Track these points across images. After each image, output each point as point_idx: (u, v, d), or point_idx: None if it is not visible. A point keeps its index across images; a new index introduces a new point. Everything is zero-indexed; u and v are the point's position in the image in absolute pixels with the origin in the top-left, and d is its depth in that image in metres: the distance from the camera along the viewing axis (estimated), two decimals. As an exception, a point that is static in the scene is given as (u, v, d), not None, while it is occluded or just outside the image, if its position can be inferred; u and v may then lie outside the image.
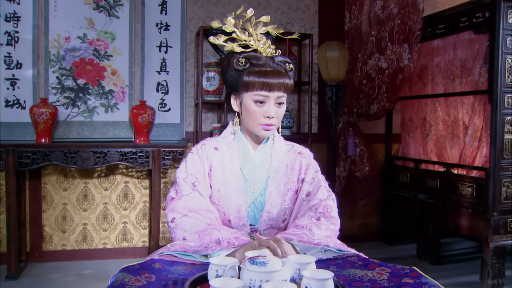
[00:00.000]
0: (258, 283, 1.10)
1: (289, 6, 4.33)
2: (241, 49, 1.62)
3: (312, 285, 1.08)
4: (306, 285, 1.09)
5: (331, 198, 1.70)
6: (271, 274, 1.10)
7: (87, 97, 3.89)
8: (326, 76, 3.81)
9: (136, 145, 3.66)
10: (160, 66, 4.07)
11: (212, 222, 1.57)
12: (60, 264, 3.78)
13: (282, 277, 1.12)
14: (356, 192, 4.23)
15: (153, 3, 4.03)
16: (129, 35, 3.97)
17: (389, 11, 3.63)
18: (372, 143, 4.38)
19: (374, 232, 4.57)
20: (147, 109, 3.77)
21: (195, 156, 1.69)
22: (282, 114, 1.66)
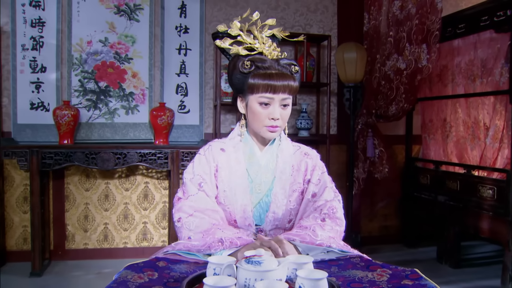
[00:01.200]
0: (252, 282, 1.12)
1: (308, 7, 4.34)
2: (246, 52, 1.64)
3: (306, 284, 1.09)
4: (300, 284, 1.10)
5: (337, 199, 1.70)
6: (265, 273, 1.12)
7: (108, 99, 3.97)
8: (344, 78, 3.80)
9: (155, 147, 3.72)
10: (179, 68, 4.13)
11: (217, 222, 1.59)
12: (82, 263, 3.87)
13: (276, 276, 1.13)
14: (376, 194, 4.21)
15: (173, 7, 4.09)
16: (149, 38, 4.04)
17: (407, 11, 3.60)
18: (392, 145, 4.35)
19: (394, 234, 4.53)
20: (166, 111, 3.83)
21: (202, 157, 1.72)
22: (288, 116, 1.67)
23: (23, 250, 3.85)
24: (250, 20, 1.68)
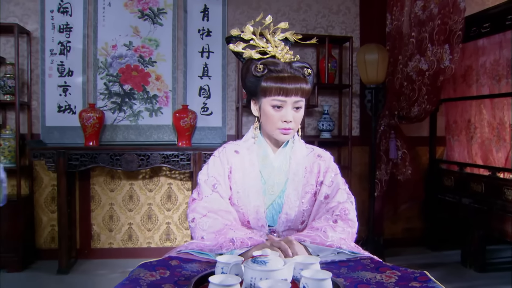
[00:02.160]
0: (258, 281, 1.14)
1: (330, 9, 4.34)
2: (259, 55, 1.67)
3: (309, 284, 1.11)
4: (304, 284, 1.12)
5: (349, 200, 1.71)
6: (270, 272, 1.14)
7: (132, 102, 4.06)
8: (365, 79, 3.79)
9: (178, 148, 3.78)
10: (202, 71, 4.19)
11: (229, 222, 1.62)
12: (106, 261, 3.96)
13: (282, 276, 1.15)
14: (398, 196, 4.17)
15: (195, 10, 4.15)
16: (172, 42, 4.11)
17: (430, 11, 3.56)
18: (416, 146, 4.30)
19: (418, 237, 4.48)
20: (189, 113, 3.89)
21: (216, 159, 1.75)
22: (300, 118, 1.69)
23: (51, 248, 3.96)
24: (263, 23, 1.71)
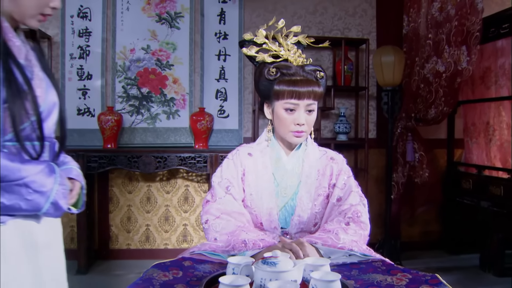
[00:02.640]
0: (267, 282, 1.16)
1: (346, 11, 4.33)
2: (272, 59, 1.68)
3: (318, 286, 1.12)
4: (313, 285, 1.13)
5: (362, 203, 1.72)
6: (280, 273, 1.16)
7: (150, 105, 4.11)
8: (382, 81, 3.77)
9: (194, 150, 3.82)
10: (219, 74, 4.22)
11: (242, 224, 1.64)
12: (124, 262, 4.01)
13: (291, 277, 1.17)
14: (416, 199, 4.14)
15: (212, 14, 4.19)
16: (189, 45, 4.15)
17: (447, 12, 3.53)
18: (433, 149, 4.27)
19: (435, 240, 4.43)
20: (205, 116, 3.93)
21: (230, 162, 1.78)
22: (313, 121, 1.71)
23: (70, 249, 4.02)
24: (276, 27, 1.73)
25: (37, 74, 1.29)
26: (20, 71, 1.20)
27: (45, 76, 1.33)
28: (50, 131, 1.35)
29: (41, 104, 1.26)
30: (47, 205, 1.23)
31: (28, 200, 1.20)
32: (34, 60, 1.32)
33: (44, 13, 1.26)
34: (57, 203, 1.25)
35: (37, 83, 1.26)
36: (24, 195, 1.19)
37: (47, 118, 1.31)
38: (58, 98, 1.36)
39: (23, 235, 1.28)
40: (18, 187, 1.18)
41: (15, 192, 1.18)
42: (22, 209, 1.21)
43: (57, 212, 1.27)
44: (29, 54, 1.30)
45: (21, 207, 1.20)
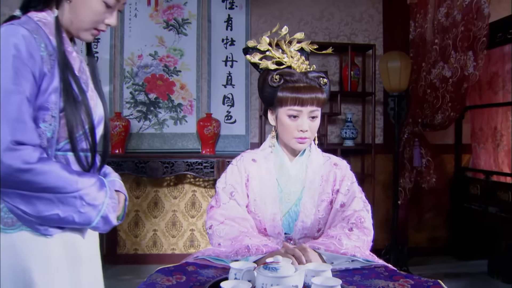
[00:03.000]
0: (269, 287, 1.17)
1: (353, 17, 4.34)
2: (275, 66, 1.70)
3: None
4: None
5: (365, 209, 1.72)
6: (281, 279, 1.17)
7: (157, 111, 4.14)
8: (388, 87, 3.78)
9: (201, 156, 3.84)
10: (226, 79, 4.24)
11: (246, 229, 1.65)
12: (132, 267, 4.03)
13: (292, 283, 1.18)
14: (423, 204, 4.13)
15: (219, 20, 4.22)
16: (197, 51, 4.18)
17: (453, 18, 3.53)
18: (441, 154, 4.25)
19: (443, 246, 4.41)
20: (212, 121, 3.95)
21: (234, 168, 1.79)
22: (316, 127, 1.72)
23: (78, 254, 4.06)
24: (279, 34, 1.74)
25: (90, 86, 1.33)
26: (76, 82, 1.24)
27: (94, 89, 1.37)
28: None
29: (93, 115, 1.30)
30: (97, 218, 1.24)
31: (81, 213, 1.20)
32: (88, 72, 1.37)
33: (98, 28, 1.30)
34: (107, 217, 1.26)
35: (90, 95, 1.30)
36: (78, 207, 1.20)
37: (95, 130, 1.33)
38: (104, 112, 1.39)
39: (68, 248, 1.29)
40: (73, 199, 1.19)
41: (70, 204, 1.19)
42: (75, 222, 1.21)
43: (106, 226, 1.28)
44: (82, 66, 1.34)
45: (74, 220, 1.21)
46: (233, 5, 4.25)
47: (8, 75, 1.13)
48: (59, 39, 1.24)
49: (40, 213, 1.17)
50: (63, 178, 1.17)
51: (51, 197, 1.16)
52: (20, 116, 1.14)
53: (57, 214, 1.18)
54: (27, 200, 1.16)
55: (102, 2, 1.26)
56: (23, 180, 1.13)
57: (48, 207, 1.17)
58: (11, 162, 1.11)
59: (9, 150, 1.11)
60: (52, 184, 1.16)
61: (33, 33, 1.18)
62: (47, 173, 1.16)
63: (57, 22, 1.26)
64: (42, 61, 1.18)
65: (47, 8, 1.28)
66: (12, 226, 1.19)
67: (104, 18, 1.29)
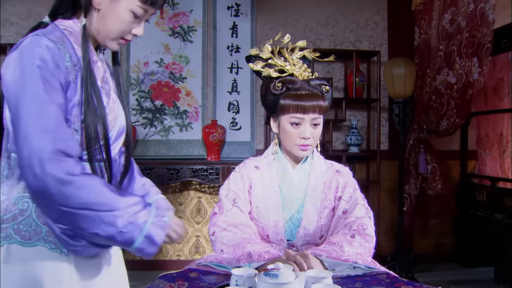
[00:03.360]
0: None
1: (358, 23, 4.36)
2: (277, 74, 1.71)
3: (319, 298, 1.14)
4: (314, 298, 1.15)
5: (368, 216, 1.72)
6: (281, 285, 1.18)
7: (163, 117, 4.17)
8: (393, 93, 3.78)
9: (207, 163, 3.86)
10: (231, 86, 4.27)
11: (248, 236, 1.66)
12: (138, 273, 4.03)
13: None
14: (428, 211, 4.11)
15: (224, 27, 4.25)
16: (202, 58, 4.21)
17: (457, 24, 3.53)
18: (446, 160, 4.24)
19: (449, 252, 4.39)
20: (217, 128, 3.97)
21: (237, 175, 1.80)
22: (319, 135, 1.73)
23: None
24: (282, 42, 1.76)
25: (112, 97, 1.32)
26: (96, 94, 1.23)
27: (117, 99, 1.36)
28: (115, 154, 1.35)
29: (111, 129, 1.29)
30: (140, 238, 1.17)
31: (123, 233, 1.15)
32: (111, 81, 1.36)
33: (125, 38, 1.29)
34: (151, 237, 1.18)
35: (111, 107, 1.29)
36: (119, 227, 1.14)
37: (115, 142, 1.33)
38: (126, 122, 1.38)
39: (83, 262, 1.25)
40: (114, 218, 1.14)
41: (112, 223, 1.14)
42: (116, 241, 1.17)
43: (151, 247, 1.20)
44: (106, 75, 1.33)
45: (115, 240, 1.16)
46: (238, 12, 4.28)
47: (38, 86, 1.12)
48: (85, 49, 1.23)
49: (82, 231, 1.14)
50: (104, 195, 1.14)
51: (92, 215, 1.12)
52: (58, 125, 1.12)
53: (98, 234, 1.13)
54: (69, 217, 1.12)
55: (131, 12, 1.25)
56: (64, 192, 1.10)
57: (89, 225, 1.12)
58: (55, 172, 1.09)
59: (52, 160, 1.09)
60: (93, 200, 1.13)
61: (57, 43, 1.17)
62: (89, 188, 1.13)
63: (84, 31, 1.25)
64: (67, 71, 1.18)
65: (74, 16, 1.28)
66: (29, 240, 1.17)
67: (132, 28, 1.28)
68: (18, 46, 1.17)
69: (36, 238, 1.17)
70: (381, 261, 3.88)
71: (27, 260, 1.17)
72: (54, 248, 1.18)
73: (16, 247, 1.17)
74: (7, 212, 1.18)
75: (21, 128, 1.11)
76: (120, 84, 1.40)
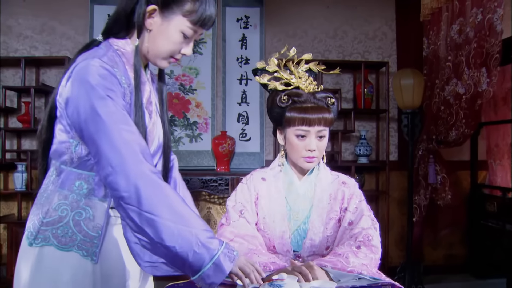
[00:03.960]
0: (273, 303, 1.19)
1: (366, 35, 4.38)
2: (283, 87, 1.74)
3: (322, 309, 1.15)
4: (318, 309, 1.16)
5: (373, 227, 1.73)
6: None
7: (173, 129, 4.21)
8: (401, 104, 3.79)
9: (216, 173, 3.89)
10: (240, 98, 4.30)
11: (255, 247, 1.68)
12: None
13: None
14: (439, 221, 4.10)
15: (234, 39, 4.30)
16: (212, 70, 4.26)
17: (465, 35, 3.54)
18: (457, 170, 4.23)
19: (461, 264, 4.35)
20: (227, 139, 4.00)
21: (244, 186, 1.82)
22: (324, 147, 1.74)
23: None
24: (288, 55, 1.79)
25: (154, 116, 1.37)
26: (141, 117, 1.28)
27: (158, 117, 1.41)
28: None
29: (149, 146, 1.33)
30: (210, 264, 1.15)
31: (196, 253, 1.14)
32: (156, 100, 1.42)
33: (175, 57, 1.35)
34: (221, 265, 1.17)
35: (150, 129, 1.34)
36: (193, 245, 1.14)
37: (153, 158, 1.36)
38: (164, 138, 1.43)
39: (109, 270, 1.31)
40: (190, 235, 1.14)
41: (187, 240, 1.14)
42: (187, 260, 1.15)
43: (217, 274, 1.17)
44: (151, 96, 1.38)
45: (187, 258, 1.15)
46: (247, 25, 4.32)
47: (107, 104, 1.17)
48: (137, 73, 1.28)
49: (163, 241, 1.14)
50: (184, 207, 1.17)
51: (172, 227, 1.14)
52: (139, 140, 1.19)
53: (175, 247, 1.14)
54: (153, 224, 1.14)
55: (181, 33, 1.29)
56: (152, 182, 1.15)
57: (170, 237, 1.14)
58: (147, 172, 1.16)
59: (142, 162, 1.16)
60: (175, 207, 1.16)
61: (113, 67, 1.22)
62: (171, 196, 1.17)
63: (136, 53, 1.30)
64: (124, 94, 1.23)
65: (127, 36, 1.33)
66: (65, 245, 1.24)
67: (181, 47, 1.33)
68: (75, 68, 1.22)
69: (71, 244, 1.24)
70: (391, 272, 3.88)
71: (59, 263, 1.24)
72: (86, 255, 1.26)
73: (52, 249, 1.24)
74: (47, 216, 1.26)
75: (102, 141, 1.16)
76: (163, 101, 1.46)
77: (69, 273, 1.24)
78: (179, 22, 1.29)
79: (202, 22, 1.31)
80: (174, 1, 1.28)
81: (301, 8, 4.34)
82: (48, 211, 1.26)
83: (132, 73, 1.29)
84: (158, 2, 1.28)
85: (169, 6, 1.28)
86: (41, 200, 1.30)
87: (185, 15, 1.29)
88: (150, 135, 1.34)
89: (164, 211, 1.15)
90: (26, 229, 1.29)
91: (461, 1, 3.63)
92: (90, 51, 1.28)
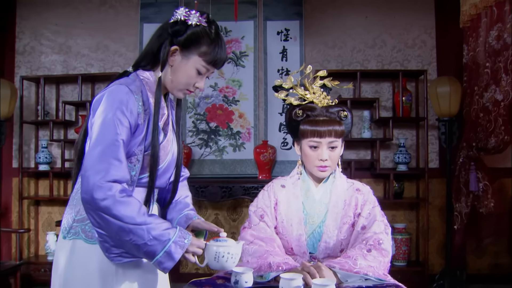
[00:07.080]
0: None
1: (405, 43, 4.42)
2: (298, 102, 1.90)
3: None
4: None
5: (385, 231, 1.84)
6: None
7: (217, 138, 4.43)
8: (438, 112, 3.81)
9: (258, 181, 4.06)
10: (282, 108, 4.46)
11: (272, 249, 1.83)
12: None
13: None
14: (481, 229, 4.04)
15: (274, 52, 4.47)
16: (254, 82, 4.45)
17: (503, 41, 3.52)
18: (500, 178, 4.16)
19: (507, 273, 4.26)
20: (268, 148, 4.17)
21: (265, 193, 2.00)
22: (337, 156, 1.88)
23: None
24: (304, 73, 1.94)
25: (170, 135, 1.62)
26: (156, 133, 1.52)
27: (174, 137, 1.66)
28: (162, 183, 1.64)
29: (161, 164, 1.57)
30: (161, 253, 1.38)
31: (148, 245, 1.38)
32: (172, 122, 1.67)
33: (189, 89, 1.60)
34: (171, 253, 1.39)
35: (164, 145, 1.58)
36: (145, 239, 1.37)
37: (164, 174, 1.62)
38: (177, 156, 1.67)
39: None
40: (141, 231, 1.37)
41: (139, 235, 1.37)
42: (141, 251, 1.39)
43: (169, 262, 1.40)
44: (169, 119, 1.65)
45: (141, 250, 1.39)
46: (287, 37, 4.48)
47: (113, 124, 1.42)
48: (157, 99, 1.54)
49: (116, 237, 1.39)
50: (138, 212, 1.39)
51: (123, 226, 1.37)
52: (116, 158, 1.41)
53: (127, 241, 1.37)
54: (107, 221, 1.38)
55: (196, 70, 1.55)
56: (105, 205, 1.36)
57: (123, 233, 1.37)
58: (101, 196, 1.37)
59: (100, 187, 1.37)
60: (128, 213, 1.37)
61: (134, 93, 1.48)
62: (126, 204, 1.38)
63: (159, 83, 1.56)
64: (138, 116, 1.47)
65: (152, 69, 1.60)
66: (91, 239, 1.47)
67: (195, 82, 1.58)
68: (107, 89, 1.50)
69: (96, 238, 1.46)
70: (431, 280, 3.87)
71: (87, 253, 1.48)
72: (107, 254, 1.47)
73: (81, 242, 1.48)
74: (78, 215, 1.50)
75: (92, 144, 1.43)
76: (179, 124, 1.71)
77: (96, 261, 1.47)
78: (196, 61, 1.54)
79: (215, 62, 1.56)
80: (193, 43, 1.53)
81: (339, 19, 4.45)
82: (79, 211, 1.50)
83: (153, 99, 1.54)
84: (180, 43, 1.53)
85: (189, 47, 1.53)
86: (73, 202, 1.55)
87: (201, 55, 1.54)
88: (164, 149, 1.58)
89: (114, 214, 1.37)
90: (61, 225, 1.56)
91: (499, 7, 3.61)
92: (121, 79, 1.55)
